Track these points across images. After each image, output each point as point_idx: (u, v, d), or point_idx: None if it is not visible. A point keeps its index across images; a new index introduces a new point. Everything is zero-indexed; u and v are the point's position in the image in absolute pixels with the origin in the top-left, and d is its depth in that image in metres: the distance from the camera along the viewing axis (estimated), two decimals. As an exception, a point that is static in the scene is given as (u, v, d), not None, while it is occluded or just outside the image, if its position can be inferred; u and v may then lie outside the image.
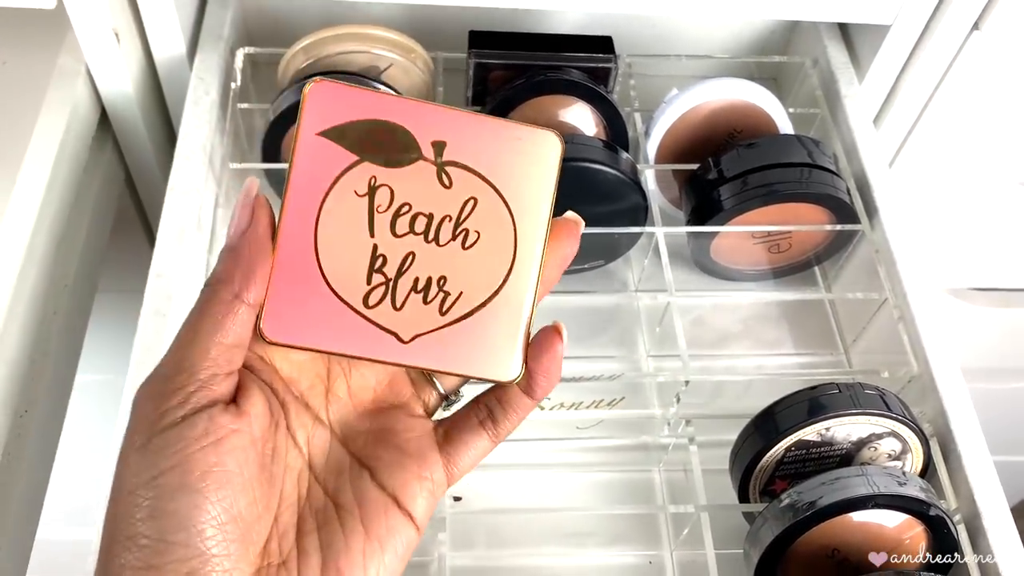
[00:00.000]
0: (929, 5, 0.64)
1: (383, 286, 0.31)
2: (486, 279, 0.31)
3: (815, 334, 0.67)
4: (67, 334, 0.62)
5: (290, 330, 0.30)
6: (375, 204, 0.31)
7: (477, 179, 0.31)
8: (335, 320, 0.30)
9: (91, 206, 0.66)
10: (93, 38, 0.61)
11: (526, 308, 0.31)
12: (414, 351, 0.30)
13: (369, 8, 0.71)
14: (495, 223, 0.31)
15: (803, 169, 0.62)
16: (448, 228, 0.31)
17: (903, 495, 0.49)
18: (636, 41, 0.74)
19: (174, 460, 0.27)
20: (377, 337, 0.30)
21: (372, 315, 0.30)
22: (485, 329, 0.31)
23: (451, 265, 0.31)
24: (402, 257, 0.31)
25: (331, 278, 0.30)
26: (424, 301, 0.31)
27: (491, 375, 0.31)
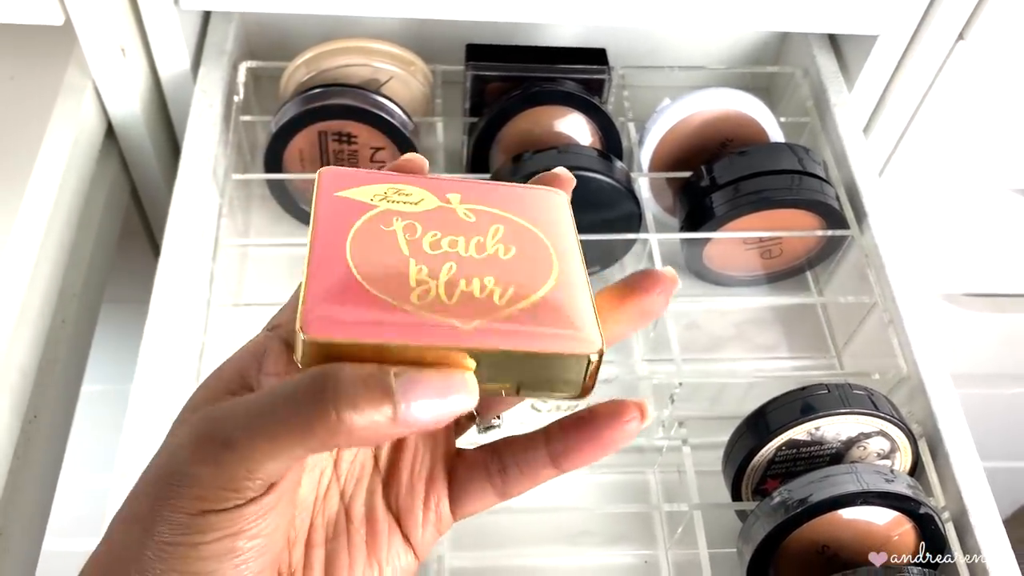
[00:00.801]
0: (915, 16, 0.66)
1: (428, 287, 0.28)
2: (535, 276, 0.29)
3: (807, 338, 0.68)
4: (75, 342, 0.64)
5: (332, 327, 0.26)
6: (404, 231, 0.29)
7: (498, 215, 0.31)
8: (383, 316, 0.26)
9: (98, 218, 0.67)
10: (100, 54, 0.62)
11: (587, 289, 0.29)
12: (477, 335, 0.27)
13: (369, 22, 0.73)
14: (527, 239, 0.30)
15: (794, 176, 0.63)
16: (482, 244, 0.29)
17: (891, 492, 0.50)
18: (631, 53, 0.76)
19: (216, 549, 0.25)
20: (433, 327, 0.26)
21: (423, 309, 0.27)
22: (550, 311, 0.28)
23: (495, 268, 0.29)
24: (442, 266, 0.28)
25: (371, 285, 0.27)
26: (477, 294, 0.28)
27: (571, 349, 0.27)
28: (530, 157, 0.62)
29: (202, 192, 0.62)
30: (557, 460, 0.29)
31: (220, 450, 0.25)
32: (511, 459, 0.30)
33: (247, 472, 0.24)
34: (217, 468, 0.25)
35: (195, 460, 0.25)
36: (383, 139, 0.64)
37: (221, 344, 0.61)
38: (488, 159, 0.67)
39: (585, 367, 0.27)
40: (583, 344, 0.27)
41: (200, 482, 0.25)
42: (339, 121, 0.63)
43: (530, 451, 0.30)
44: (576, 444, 0.29)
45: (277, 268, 0.68)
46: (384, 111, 0.63)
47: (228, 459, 0.24)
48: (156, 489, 0.25)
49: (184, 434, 0.26)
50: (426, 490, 0.31)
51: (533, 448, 0.30)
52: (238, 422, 0.25)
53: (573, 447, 0.29)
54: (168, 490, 0.25)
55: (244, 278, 0.67)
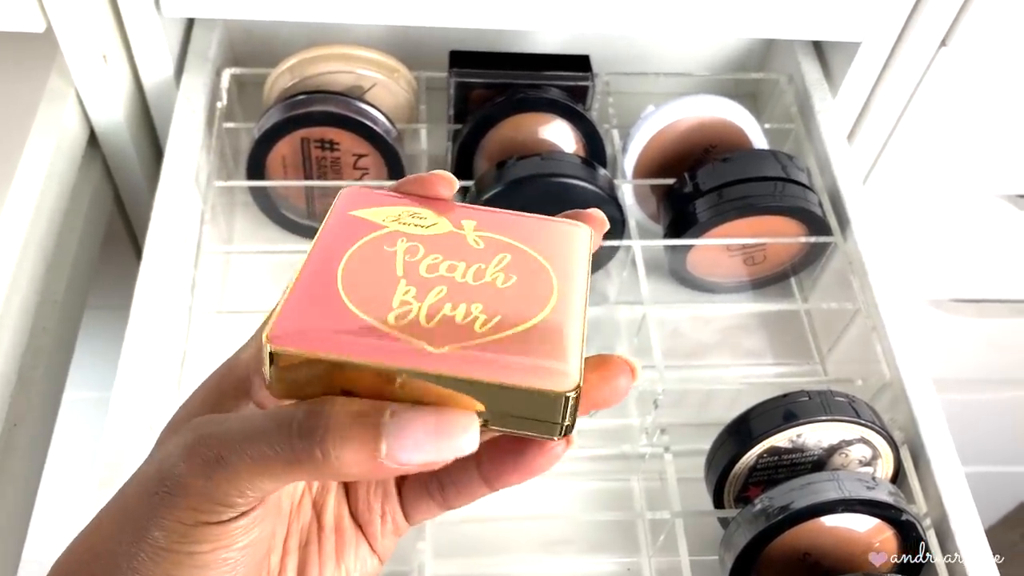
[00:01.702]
0: (898, 22, 0.66)
1: (410, 308, 0.27)
2: (528, 307, 0.27)
3: (791, 344, 0.68)
4: (56, 350, 0.63)
5: (298, 339, 0.25)
6: (404, 253, 0.29)
7: (509, 243, 0.30)
8: (353, 331, 0.26)
9: (80, 224, 0.67)
10: (82, 61, 0.62)
11: (580, 327, 0.27)
12: (445, 360, 0.25)
13: (353, 29, 0.73)
14: (531, 270, 0.29)
15: (777, 183, 0.63)
16: (482, 271, 0.28)
17: (873, 499, 0.50)
18: (616, 60, 0.76)
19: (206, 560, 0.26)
20: (399, 348, 0.25)
21: (397, 330, 0.26)
22: (533, 343, 0.26)
23: (487, 296, 0.27)
24: (432, 289, 0.27)
25: (352, 301, 0.27)
26: (459, 320, 0.26)
27: (544, 384, 0.25)
28: (514, 164, 0.62)
29: (184, 198, 0.61)
30: (489, 482, 0.29)
31: (212, 466, 0.25)
32: (447, 479, 0.30)
33: (237, 491, 0.25)
34: (208, 483, 0.25)
35: (188, 471, 0.25)
36: (366, 146, 0.64)
37: (203, 351, 0.61)
38: (472, 166, 0.67)
39: (561, 406, 0.25)
40: (558, 379, 0.25)
41: (194, 493, 0.25)
42: (322, 128, 0.63)
43: (464, 472, 0.30)
44: (504, 468, 0.29)
45: (260, 275, 0.68)
46: (367, 118, 0.63)
47: (219, 477, 0.25)
48: (151, 492, 0.26)
49: (178, 443, 0.26)
50: (381, 505, 0.32)
51: (466, 470, 0.30)
52: (232, 442, 0.25)
53: (502, 471, 0.29)
54: (163, 496, 0.25)
55: (227, 285, 0.67)
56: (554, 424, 0.26)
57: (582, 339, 0.27)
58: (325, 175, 0.66)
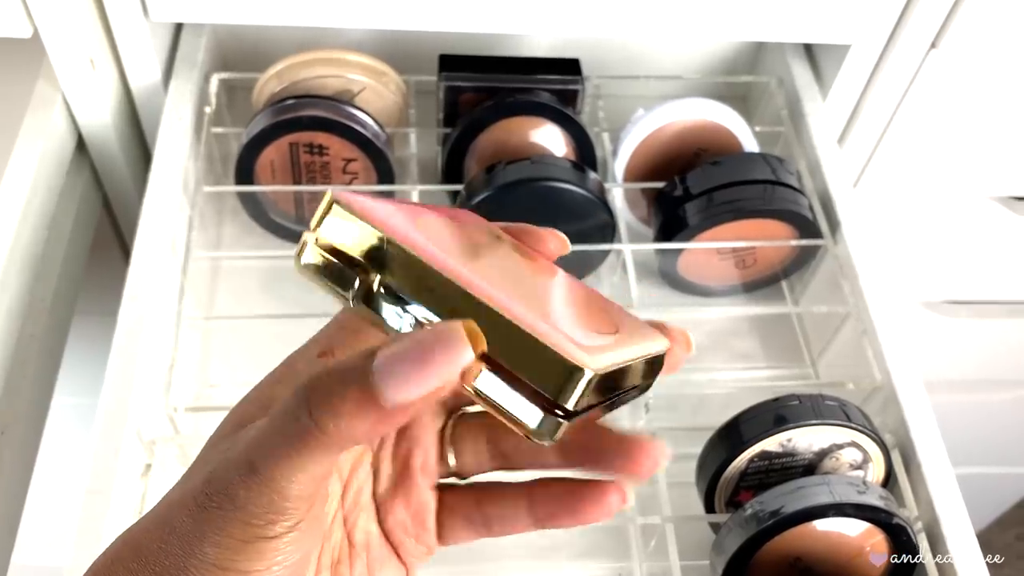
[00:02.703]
0: (888, 25, 0.66)
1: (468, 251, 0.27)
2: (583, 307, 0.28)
3: (782, 347, 0.68)
4: (44, 356, 0.63)
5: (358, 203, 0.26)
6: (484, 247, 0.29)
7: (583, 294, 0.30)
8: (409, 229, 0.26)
9: (68, 230, 0.67)
10: (69, 66, 0.62)
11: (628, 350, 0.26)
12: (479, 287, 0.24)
13: (342, 33, 0.73)
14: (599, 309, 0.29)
15: (767, 186, 0.63)
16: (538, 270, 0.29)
17: (864, 504, 0.50)
18: (606, 63, 0.76)
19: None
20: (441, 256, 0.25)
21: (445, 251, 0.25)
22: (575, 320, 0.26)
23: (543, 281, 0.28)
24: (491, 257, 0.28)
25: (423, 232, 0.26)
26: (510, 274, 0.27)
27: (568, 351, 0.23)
28: (503, 168, 0.62)
29: (173, 204, 0.61)
30: (539, 522, 0.29)
31: (248, 476, 0.24)
32: (493, 511, 0.30)
33: (278, 495, 0.24)
34: (250, 493, 0.24)
35: (233, 484, 0.25)
36: (355, 150, 0.64)
37: (191, 358, 0.60)
38: (462, 169, 0.67)
39: (571, 381, 0.23)
40: (585, 356, 0.23)
41: (241, 506, 0.24)
42: (310, 132, 0.63)
43: (512, 509, 0.30)
44: (558, 514, 0.29)
45: (249, 281, 0.67)
46: (356, 122, 0.63)
47: (255, 483, 0.24)
48: (200, 507, 0.25)
49: (222, 457, 0.26)
50: (416, 529, 0.31)
51: (514, 507, 0.30)
52: (254, 446, 0.25)
53: (555, 516, 0.29)
54: (212, 512, 0.25)
55: (215, 291, 0.66)
56: (554, 401, 0.23)
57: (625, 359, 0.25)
58: (314, 180, 0.65)
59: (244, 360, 0.64)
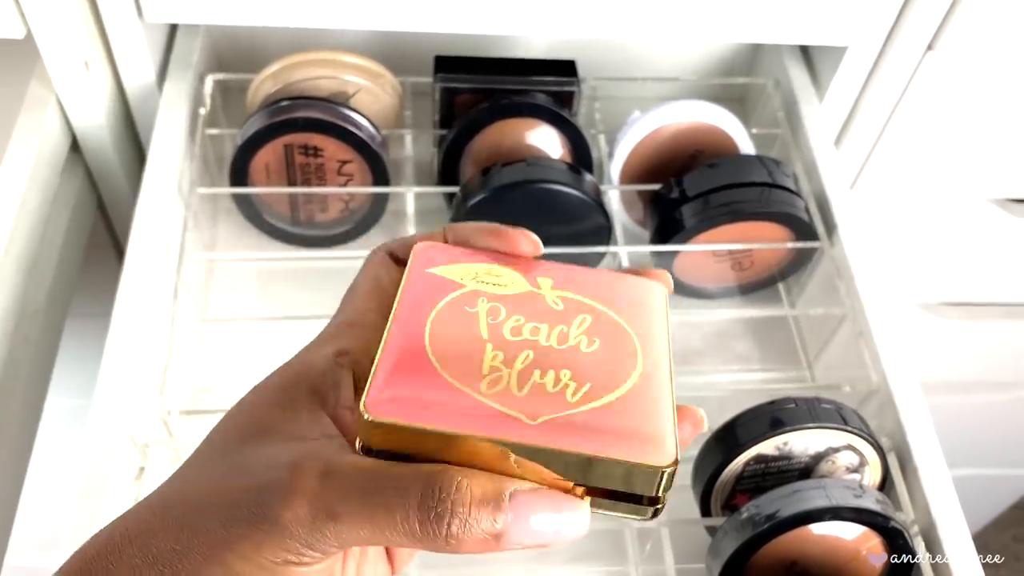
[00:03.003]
0: (885, 27, 0.66)
1: (500, 375, 0.27)
2: (615, 374, 0.28)
3: (779, 350, 0.68)
4: (38, 358, 0.63)
5: (396, 408, 0.26)
6: (487, 314, 0.29)
7: (587, 304, 0.30)
8: (449, 402, 0.26)
9: (62, 232, 0.67)
10: (62, 67, 0.61)
11: (668, 393, 0.27)
12: (545, 432, 0.25)
13: (338, 34, 0.73)
14: (613, 333, 0.29)
15: (763, 188, 0.63)
16: (565, 335, 0.29)
17: (860, 507, 0.49)
18: (603, 65, 0.76)
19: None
20: (498, 419, 0.26)
21: (491, 398, 0.26)
22: (626, 414, 0.26)
23: (574, 362, 0.28)
24: (519, 354, 0.28)
25: (443, 367, 0.27)
26: (549, 388, 0.27)
27: (641, 458, 0.25)
28: (499, 170, 0.62)
29: (167, 205, 0.61)
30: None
31: (323, 519, 0.24)
32: None
33: (339, 543, 0.25)
34: (311, 531, 0.24)
35: (291, 513, 0.24)
36: (350, 152, 0.64)
37: (186, 360, 0.60)
38: (458, 171, 0.67)
39: (657, 480, 0.25)
40: (656, 453, 0.25)
41: (291, 536, 0.24)
42: (305, 134, 0.62)
43: None
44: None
45: (243, 282, 0.67)
46: (351, 124, 0.63)
47: (327, 529, 0.24)
48: (234, 519, 0.25)
49: (280, 476, 0.25)
50: None
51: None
52: (348, 499, 0.25)
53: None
54: (251, 528, 0.25)
55: (210, 292, 0.66)
56: (647, 499, 0.26)
57: (673, 407, 0.27)
58: (309, 181, 0.65)
59: (239, 362, 0.63)
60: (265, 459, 0.26)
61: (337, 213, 0.67)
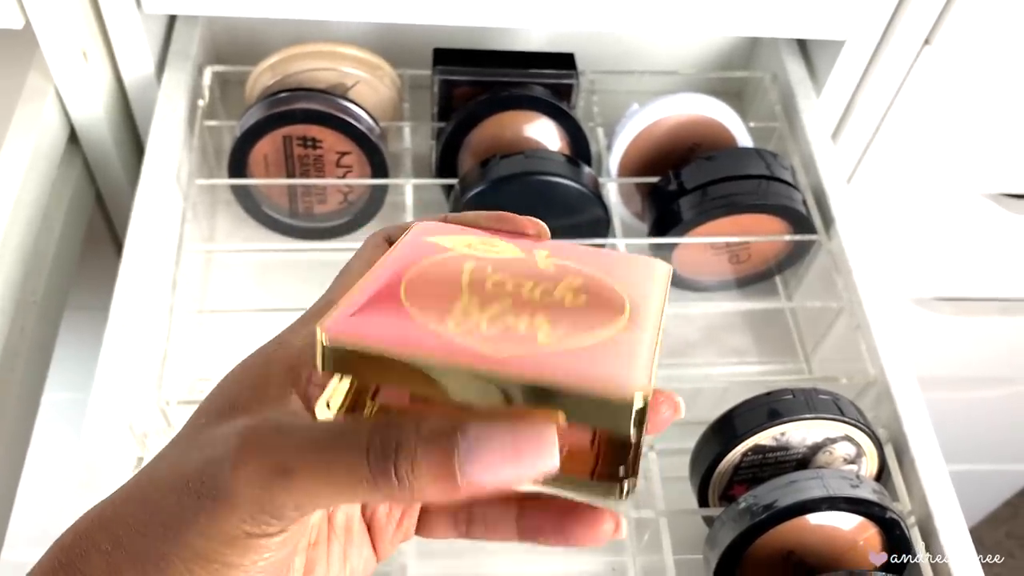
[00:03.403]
0: (882, 21, 0.66)
1: (471, 317, 0.26)
2: (596, 325, 0.26)
3: (776, 342, 0.68)
4: (35, 351, 0.63)
5: (354, 333, 0.25)
6: (472, 271, 0.28)
7: (581, 270, 0.29)
8: (412, 333, 0.25)
9: (60, 223, 0.67)
10: (61, 57, 0.61)
11: (649, 348, 0.25)
12: (507, 364, 0.24)
13: (336, 26, 0.73)
14: (602, 293, 0.28)
15: (761, 181, 0.63)
16: (550, 290, 0.27)
17: (857, 497, 0.50)
18: (601, 58, 0.76)
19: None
20: (461, 350, 0.24)
21: (457, 335, 0.25)
22: (601, 353, 0.25)
23: (553, 311, 0.26)
24: (496, 302, 0.26)
25: (411, 305, 0.26)
26: (521, 330, 0.25)
27: (613, 391, 0.23)
28: (498, 162, 0.62)
29: (166, 197, 0.61)
30: (523, 532, 0.29)
31: (274, 477, 0.23)
32: (480, 513, 0.30)
33: (295, 504, 0.24)
34: (265, 493, 0.23)
35: (242, 479, 0.24)
36: (349, 144, 0.64)
37: (184, 351, 0.60)
38: (456, 164, 0.67)
39: (629, 414, 0.23)
40: (625, 386, 0.23)
41: (244, 503, 0.24)
42: (304, 125, 0.62)
43: (501, 514, 0.29)
44: (546, 530, 0.28)
45: (242, 274, 0.67)
46: (350, 115, 0.63)
47: (279, 488, 0.23)
48: (192, 494, 0.24)
49: (229, 445, 0.24)
50: (401, 515, 0.31)
51: (505, 513, 0.29)
52: (299, 454, 0.24)
53: (542, 531, 0.28)
54: (204, 501, 0.24)
55: (208, 284, 0.66)
56: (624, 433, 0.24)
57: (653, 357, 0.25)
58: (308, 173, 0.65)
59: (237, 353, 0.63)
60: (221, 433, 0.26)
61: (336, 205, 0.67)
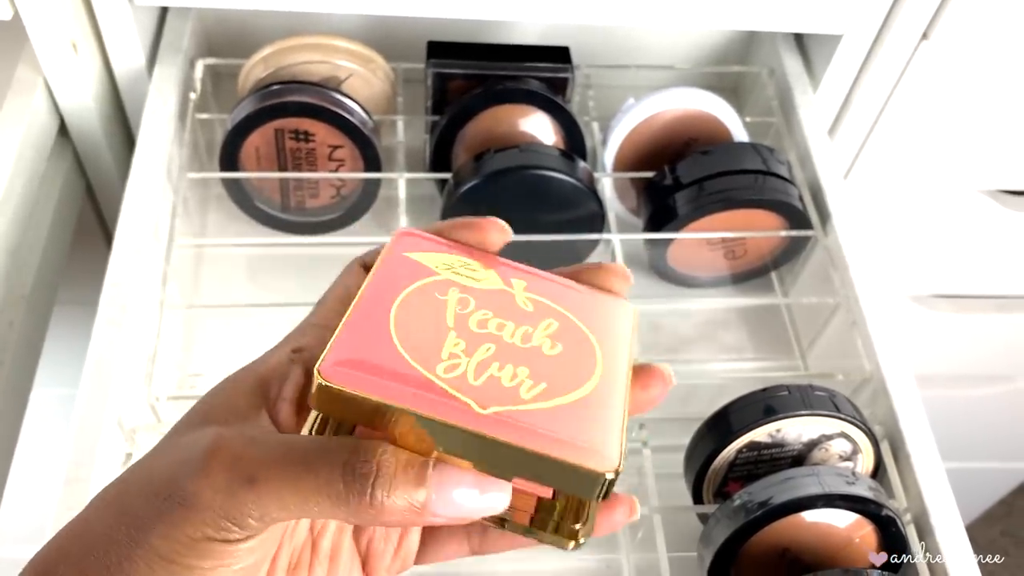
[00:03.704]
0: (879, 16, 0.65)
1: (459, 362, 0.27)
2: (572, 378, 0.28)
3: (772, 339, 0.68)
4: (24, 345, 0.62)
5: (348, 377, 0.26)
6: (456, 304, 0.29)
7: (557, 310, 0.30)
8: (403, 379, 0.26)
9: (50, 217, 0.66)
10: (50, 49, 0.61)
11: (620, 405, 0.28)
12: (492, 423, 0.26)
13: (329, 19, 0.72)
14: (576, 340, 0.29)
15: (757, 176, 0.63)
16: (529, 335, 0.29)
17: (852, 495, 0.49)
18: (597, 52, 0.75)
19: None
20: (448, 402, 0.26)
21: (446, 383, 0.26)
22: (576, 418, 0.27)
23: (534, 361, 0.28)
24: (481, 346, 0.28)
25: (403, 345, 0.27)
26: (505, 382, 0.27)
27: (586, 462, 0.26)
28: (492, 156, 0.61)
29: (156, 190, 0.60)
30: None
31: (239, 484, 0.24)
32: (493, 527, 0.30)
33: (259, 513, 0.24)
34: (229, 500, 0.24)
35: (207, 485, 0.24)
36: (342, 137, 0.63)
37: (174, 347, 0.60)
38: (450, 158, 0.66)
39: (600, 486, 0.26)
40: (599, 459, 0.26)
41: (207, 508, 0.24)
42: (296, 119, 0.62)
43: None
44: None
45: (233, 269, 0.66)
46: (343, 109, 0.62)
47: (244, 496, 0.24)
48: (160, 496, 0.25)
49: (200, 452, 0.25)
50: (400, 537, 0.31)
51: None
52: (268, 464, 0.24)
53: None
54: (169, 504, 0.25)
55: (199, 279, 0.66)
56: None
57: (623, 420, 0.27)
58: (300, 167, 0.65)
59: (227, 349, 0.63)
60: (191, 441, 0.26)
61: (328, 199, 0.67)
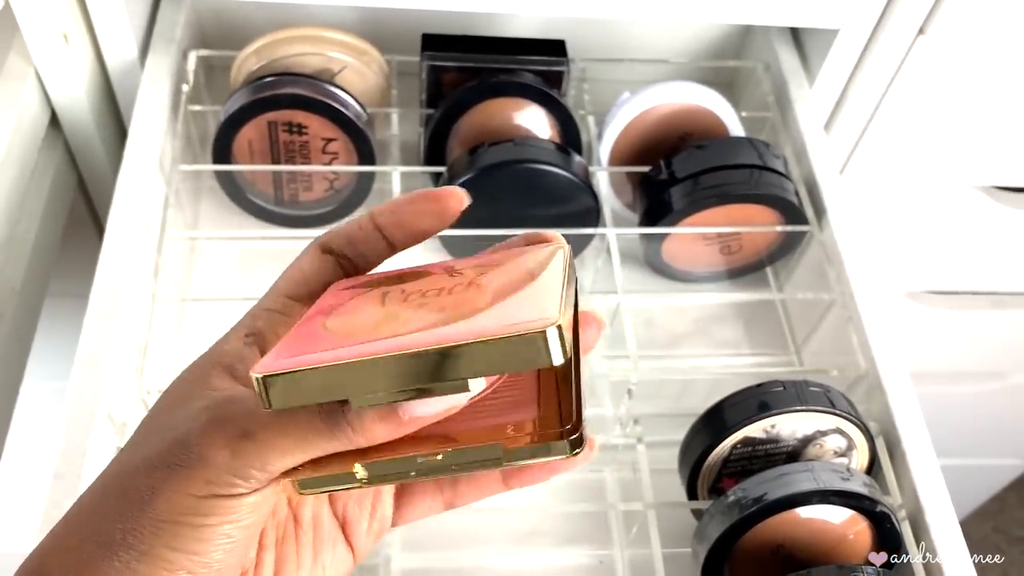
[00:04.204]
0: (876, 10, 0.65)
1: (391, 320, 0.27)
2: (501, 293, 0.27)
3: (767, 334, 0.68)
4: (14, 338, 0.62)
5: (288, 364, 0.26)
6: (387, 296, 0.29)
7: (487, 264, 0.30)
8: (332, 346, 0.26)
9: (41, 209, 0.65)
10: (41, 40, 0.60)
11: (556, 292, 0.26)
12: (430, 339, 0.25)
13: (323, 11, 0.71)
14: (508, 272, 0.29)
15: (753, 170, 0.62)
16: (461, 284, 0.29)
17: (847, 491, 0.49)
18: (592, 45, 0.75)
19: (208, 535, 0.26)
20: (382, 345, 0.25)
21: (381, 335, 0.26)
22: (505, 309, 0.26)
23: (461, 293, 0.28)
24: (411, 308, 0.28)
25: (338, 333, 0.27)
26: (431, 309, 0.27)
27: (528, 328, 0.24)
28: (486, 149, 0.61)
29: (148, 182, 0.60)
30: (508, 478, 0.30)
31: (237, 440, 0.25)
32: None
33: (261, 464, 0.25)
34: (232, 455, 0.25)
35: (209, 443, 0.25)
36: (335, 130, 0.63)
37: (166, 340, 0.59)
38: (444, 151, 0.66)
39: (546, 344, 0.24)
40: (539, 323, 0.24)
41: (213, 465, 0.25)
42: (289, 111, 0.61)
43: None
44: (530, 467, 0.29)
45: (225, 261, 0.66)
46: (336, 101, 0.62)
47: (246, 449, 0.25)
48: (163, 466, 0.26)
49: (196, 421, 0.26)
50: (373, 502, 0.31)
51: None
52: (259, 420, 0.26)
53: (527, 469, 0.30)
54: (175, 469, 0.25)
55: (191, 271, 0.65)
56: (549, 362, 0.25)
57: (562, 291, 0.26)
58: (293, 159, 0.64)
59: (220, 343, 0.62)
60: (183, 414, 0.27)
61: (321, 192, 0.66)
